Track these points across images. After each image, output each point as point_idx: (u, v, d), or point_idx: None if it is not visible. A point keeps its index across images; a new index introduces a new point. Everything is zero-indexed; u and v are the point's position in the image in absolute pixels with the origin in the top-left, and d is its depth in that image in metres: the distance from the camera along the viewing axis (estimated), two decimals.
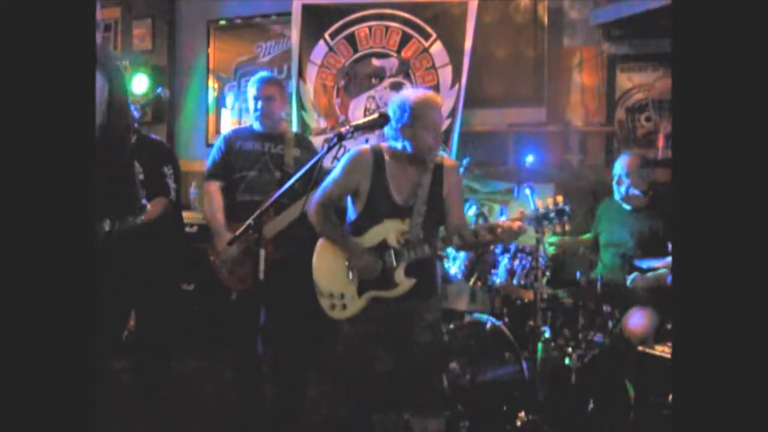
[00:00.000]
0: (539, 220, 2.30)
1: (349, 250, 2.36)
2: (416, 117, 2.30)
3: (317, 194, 2.43)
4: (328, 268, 2.43)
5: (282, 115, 3.20)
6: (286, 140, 3.06)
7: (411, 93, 2.37)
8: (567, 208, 2.26)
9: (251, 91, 3.08)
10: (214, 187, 3.07)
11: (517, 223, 2.25)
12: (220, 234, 2.97)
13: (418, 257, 2.32)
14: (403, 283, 2.33)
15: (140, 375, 3.40)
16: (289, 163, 3.00)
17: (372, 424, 2.48)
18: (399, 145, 2.37)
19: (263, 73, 3.20)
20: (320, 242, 2.48)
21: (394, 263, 2.33)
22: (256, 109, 3.05)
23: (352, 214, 2.44)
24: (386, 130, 2.38)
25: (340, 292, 2.39)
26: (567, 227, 3.56)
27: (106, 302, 2.06)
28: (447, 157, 2.55)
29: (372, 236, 2.36)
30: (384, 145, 2.45)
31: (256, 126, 3.10)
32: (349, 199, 2.48)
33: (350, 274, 2.37)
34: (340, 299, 2.38)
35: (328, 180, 2.44)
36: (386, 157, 2.40)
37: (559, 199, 2.25)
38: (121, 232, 2.45)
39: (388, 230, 2.34)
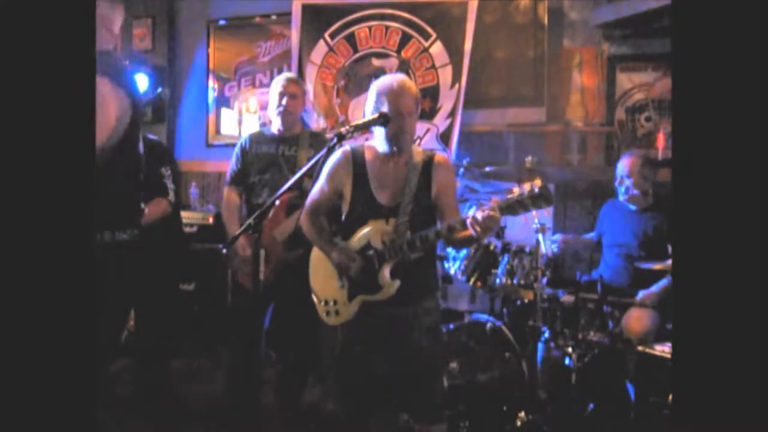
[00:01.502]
0: (513, 207, 2.01)
1: (330, 253, 2.32)
2: (380, 103, 2.26)
3: (306, 202, 2.40)
4: (321, 275, 2.41)
5: (300, 116, 3.23)
6: (300, 142, 3.10)
7: (377, 81, 2.34)
8: (544, 192, 1.95)
9: (276, 88, 3.15)
10: (232, 193, 3.18)
11: (488, 212, 2.01)
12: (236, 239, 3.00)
13: (404, 258, 2.23)
14: (388, 285, 2.25)
15: (140, 375, 3.40)
16: (302, 165, 3.01)
17: (368, 426, 2.45)
18: (376, 139, 2.32)
19: (288, 73, 3.34)
20: (314, 250, 2.46)
21: (377, 265, 2.26)
22: (279, 105, 3.11)
23: (341, 218, 2.40)
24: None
25: (333, 299, 2.36)
26: (547, 213, 3.33)
27: (106, 303, 2.06)
28: (439, 152, 2.42)
29: (358, 239, 2.31)
30: (366, 144, 2.39)
31: (276, 123, 3.15)
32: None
33: (340, 279, 2.35)
34: (333, 305, 2.36)
35: (315, 187, 2.40)
36: (367, 156, 2.34)
37: (537, 182, 1.97)
38: (121, 242, 2.43)
39: (372, 232, 2.27)
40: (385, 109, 2.24)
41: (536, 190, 1.96)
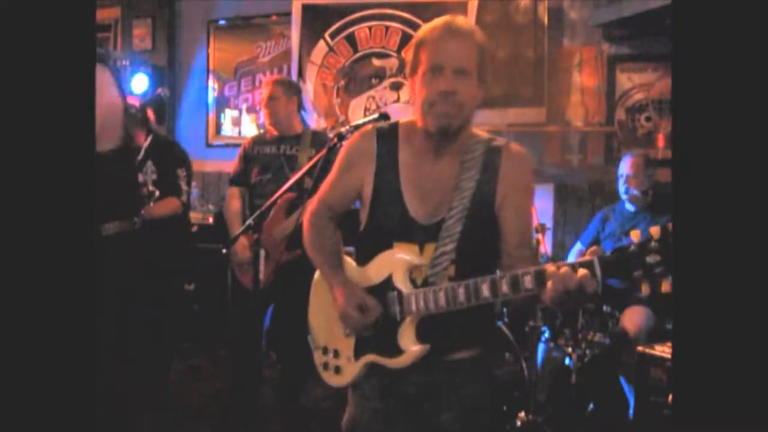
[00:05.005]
0: (624, 266, 1.31)
1: (332, 286, 1.56)
2: (414, 59, 1.47)
3: (312, 201, 1.71)
4: (323, 310, 1.65)
5: (292, 114, 3.21)
6: (302, 141, 3.11)
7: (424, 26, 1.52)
8: (663, 248, 1.23)
9: (260, 94, 3.17)
10: (234, 193, 3.20)
11: (581, 273, 1.29)
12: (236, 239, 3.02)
13: (438, 311, 1.42)
14: (411, 350, 1.46)
15: (140, 374, 3.40)
16: (303, 165, 3.02)
17: None
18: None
19: (269, 77, 3.35)
20: (318, 271, 1.70)
21: (398, 316, 1.47)
22: (264, 111, 3.14)
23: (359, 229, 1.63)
24: None
25: (334, 348, 1.63)
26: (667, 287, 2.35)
27: (106, 301, 2.07)
28: (512, 141, 1.62)
29: (375, 269, 1.53)
30: (403, 121, 1.58)
31: (271, 128, 3.18)
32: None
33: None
34: (334, 358, 1.63)
35: (325, 181, 1.67)
36: (401, 138, 1.54)
37: (654, 231, 1.25)
38: (115, 235, 2.43)
39: (397, 261, 1.49)
40: (424, 65, 1.43)
41: (653, 242, 1.24)
